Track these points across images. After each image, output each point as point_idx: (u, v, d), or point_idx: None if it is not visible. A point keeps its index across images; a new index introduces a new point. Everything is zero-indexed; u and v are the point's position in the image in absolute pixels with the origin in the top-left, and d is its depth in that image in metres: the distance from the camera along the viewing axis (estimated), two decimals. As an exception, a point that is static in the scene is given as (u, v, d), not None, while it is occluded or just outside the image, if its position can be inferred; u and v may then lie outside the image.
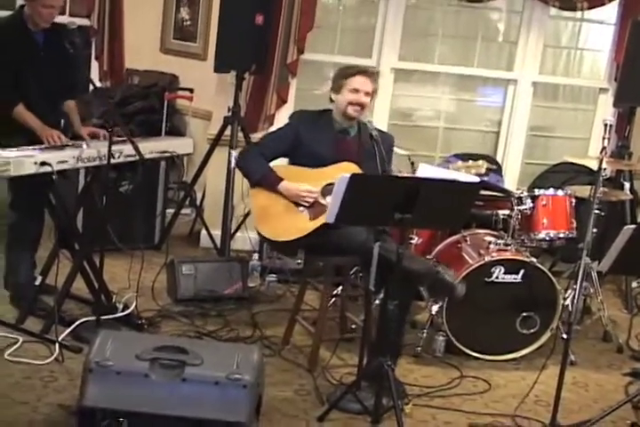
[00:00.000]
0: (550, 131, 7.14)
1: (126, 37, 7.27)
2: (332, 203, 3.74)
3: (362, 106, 4.49)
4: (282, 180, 4.47)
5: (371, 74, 4.53)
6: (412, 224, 3.84)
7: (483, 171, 5.08)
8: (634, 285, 6.04)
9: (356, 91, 4.46)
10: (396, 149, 4.86)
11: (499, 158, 6.84)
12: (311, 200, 4.43)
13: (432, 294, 4.77)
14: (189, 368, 3.35)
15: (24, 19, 4.61)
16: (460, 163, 4.99)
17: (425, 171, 4.63)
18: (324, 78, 6.72)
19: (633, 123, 6.22)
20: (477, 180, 4.11)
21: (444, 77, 6.84)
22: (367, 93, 4.48)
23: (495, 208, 5.19)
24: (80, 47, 4.65)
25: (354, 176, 3.66)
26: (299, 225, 4.41)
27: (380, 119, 6.33)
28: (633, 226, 3.75)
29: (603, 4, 6.47)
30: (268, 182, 4.48)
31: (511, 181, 6.79)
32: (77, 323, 4.53)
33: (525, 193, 5.12)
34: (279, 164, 4.66)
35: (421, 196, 3.62)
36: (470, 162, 5.01)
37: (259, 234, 4.57)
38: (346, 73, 4.52)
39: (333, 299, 5.11)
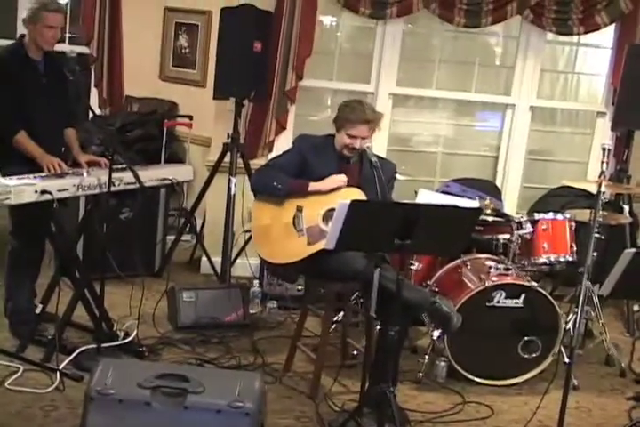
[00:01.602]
0: (549, 155, 7.16)
1: (125, 65, 7.31)
2: (332, 229, 3.74)
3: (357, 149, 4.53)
4: (308, 181, 4.50)
5: (374, 121, 4.52)
6: (412, 250, 3.85)
7: (488, 211, 5.14)
8: (635, 308, 6.03)
9: (354, 137, 4.49)
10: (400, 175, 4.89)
11: (498, 183, 6.85)
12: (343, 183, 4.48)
13: (430, 322, 4.77)
14: (191, 396, 3.33)
15: (25, 47, 4.65)
16: None
17: (424, 196, 4.64)
18: (322, 104, 6.76)
19: (631, 146, 6.24)
20: (477, 205, 4.15)
21: (442, 103, 6.87)
22: (364, 137, 4.50)
23: (495, 233, 5.19)
24: (79, 75, 4.67)
25: (353, 203, 3.66)
26: (296, 249, 4.43)
27: (378, 145, 6.35)
28: (633, 250, 3.76)
29: (598, 29, 6.52)
30: (298, 187, 4.50)
31: (511, 205, 6.80)
32: (78, 351, 4.52)
33: (525, 217, 5.13)
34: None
35: (421, 222, 3.63)
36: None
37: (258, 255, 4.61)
38: (349, 118, 4.49)
39: (334, 325, 5.10)
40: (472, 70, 6.81)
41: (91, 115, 5.56)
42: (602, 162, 4.38)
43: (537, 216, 5.13)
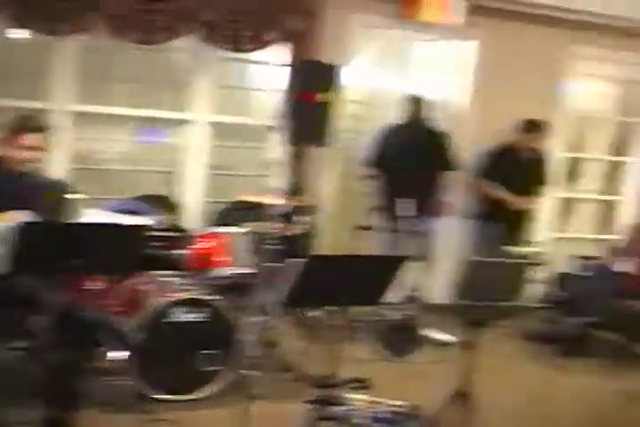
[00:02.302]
0: (230, 169, 7.31)
1: None
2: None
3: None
4: None
5: (47, 130, 4.44)
6: (85, 270, 3.81)
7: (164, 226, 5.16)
8: (310, 315, 6.28)
9: (30, 148, 4.37)
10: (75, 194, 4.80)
11: (179, 198, 6.90)
12: None
13: (108, 343, 4.74)
14: None
15: None
16: None
17: (92, 216, 4.61)
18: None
19: (304, 160, 6.49)
20: (147, 221, 4.18)
21: (123, 119, 6.85)
22: (40, 148, 4.41)
23: (172, 248, 5.23)
24: None
25: (22, 224, 3.63)
26: None
27: (60, 164, 6.25)
28: (298, 260, 3.90)
29: (265, 47, 6.72)
30: None
31: (193, 220, 6.87)
32: None
33: (201, 232, 5.21)
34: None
35: (88, 241, 3.62)
36: None
37: None
38: (17, 129, 4.39)
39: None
40: (151, 87, 6.86)
41: None
42: (272, 175, 4.54)
43: (215, 230, 5.23)
